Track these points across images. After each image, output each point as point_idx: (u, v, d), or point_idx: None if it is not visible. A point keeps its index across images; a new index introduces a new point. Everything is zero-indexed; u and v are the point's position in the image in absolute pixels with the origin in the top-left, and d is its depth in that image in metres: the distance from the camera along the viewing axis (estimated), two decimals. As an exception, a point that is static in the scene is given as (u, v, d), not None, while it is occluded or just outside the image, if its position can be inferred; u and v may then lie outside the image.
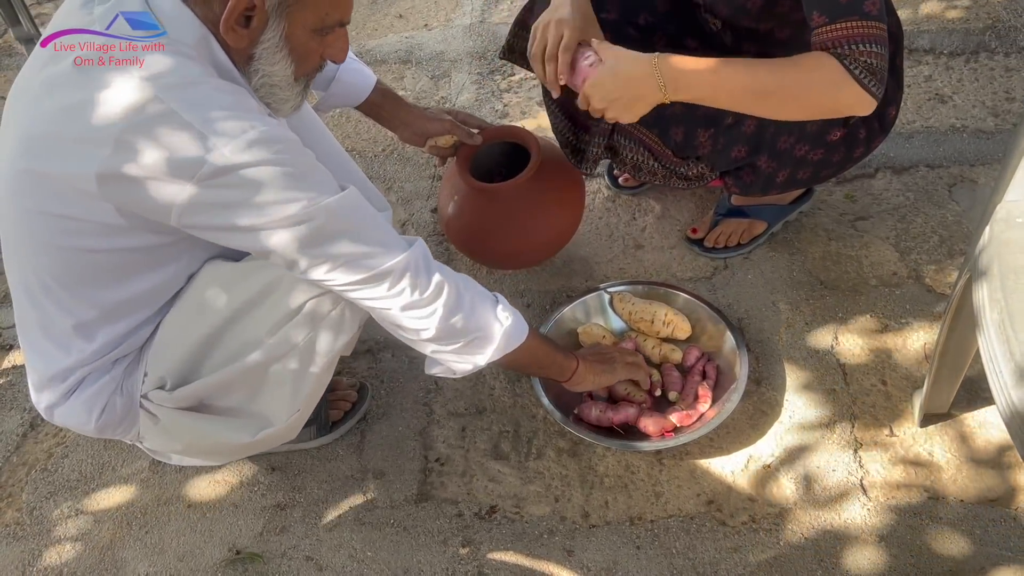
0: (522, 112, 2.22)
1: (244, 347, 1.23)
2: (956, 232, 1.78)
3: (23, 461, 1.62)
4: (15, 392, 1.74)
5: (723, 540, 1.38)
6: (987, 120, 2.02)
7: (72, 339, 1.22)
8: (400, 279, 1.14)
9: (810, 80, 1.24)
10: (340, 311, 1.22)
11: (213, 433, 1.30)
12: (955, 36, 2.24)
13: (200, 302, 1.24)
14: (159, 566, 1.44)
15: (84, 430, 1.31)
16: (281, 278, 1.20)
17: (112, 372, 1.27)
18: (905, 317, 1.64)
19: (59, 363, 1.24)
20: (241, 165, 1.02)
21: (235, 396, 1.29)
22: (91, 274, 1.17)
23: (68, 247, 1.14)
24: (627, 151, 1.52)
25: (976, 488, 1.39)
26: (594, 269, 1.82)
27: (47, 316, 1.22)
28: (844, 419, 1.50)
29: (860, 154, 1.57)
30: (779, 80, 1.25)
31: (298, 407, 1.30)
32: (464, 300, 1.21)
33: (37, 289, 1.20)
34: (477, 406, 1.61)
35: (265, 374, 1.25)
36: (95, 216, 1.09)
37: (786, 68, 1.25)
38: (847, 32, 1.21)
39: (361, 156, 2.17)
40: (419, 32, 2.57)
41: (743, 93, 1.28)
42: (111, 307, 1.21)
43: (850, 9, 1.21)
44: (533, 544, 1.41)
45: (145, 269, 1.20)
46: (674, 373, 1.57)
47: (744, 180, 1.57)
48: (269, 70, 1.13)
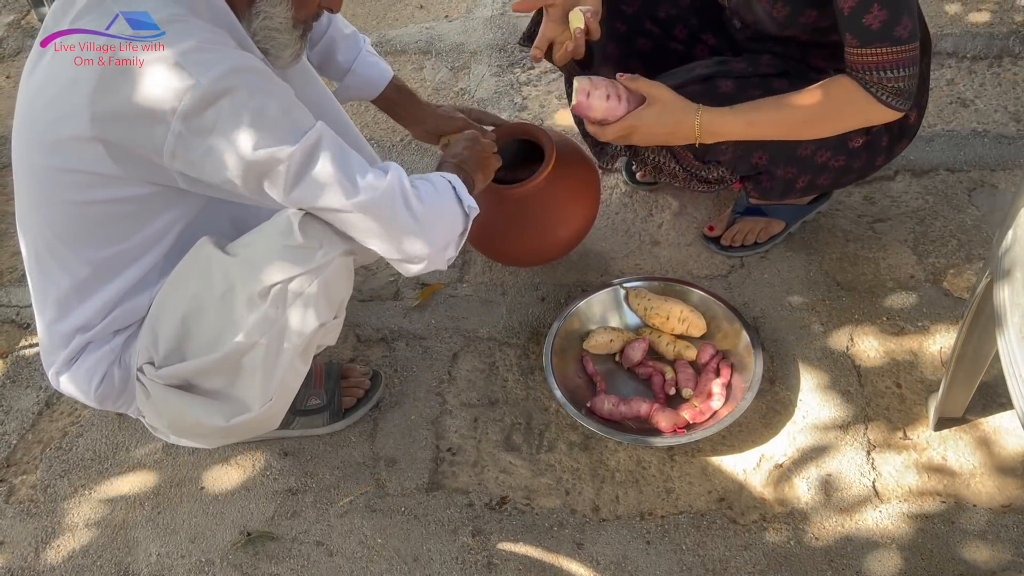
0: (541, 105, 2.22)
1: (219, 334, 1.24)
2: (975, 236, 1.77)
3: (38, 439, 1.63)
4: (31, 371, 1.75)
5: (733, 538, 1.38)
6: (1009, 125, 2.00)
7: (70, 300, 1.27)
8: (384, 200, 1.17)
9: (840, 111, 1.35)
10: (304, 301, 1.22)
11: (191, 413, 1.31)
12: (979, 40, 2.23)
13: (184, 282, 1.26)
14: (171, 546, 1.45)
15: (86, 399, 1.35)
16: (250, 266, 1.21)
17: (112, 343, 1.32)
18: (921, 320, 1.64)
19: (61, 326, 1.29)
20: (220, 94, 1.07)
21: (216, 380, 1.30)
22: (90, 228, 1.22)
23: (68, 201, 1.19)
24: (648, 151, 1.53)
25: (989, 493, 1.39)
26: (610, 264, 1.82)
27: (52, 279, 1.27)
28: (858, 421, 1.50)
29: (882, 161, 1.57)
30: (809, 115, 1.37)
31: (270, 396, 1.29)
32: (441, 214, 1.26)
33: (44, 250, 1.26)
34: (490, 397, 1.61)
35: (239, 362, 1.26)
36: (89, 165, 1.14)
37: (815, 103, 1.35)
38: (876, 59, 1.28)
39: (379, 145, 2.17)
40: (439, 23, 2.57)
41: (775, 133, 1.41)
42: (101, 262, 1.25)
43: (882, 36, 1.26)
44: (543, 536, 1.41)
45: (133, 221, 1.24)
46: (688, 370, 1.57)
47: (764, 185, 1.57)
48: (270, 11, 1.18)
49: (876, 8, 1.25)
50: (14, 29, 2.80)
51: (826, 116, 1.37)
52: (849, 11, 1.27)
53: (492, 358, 1.67)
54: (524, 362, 1.66)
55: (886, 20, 1.25)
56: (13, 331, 1.85)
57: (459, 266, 1.86)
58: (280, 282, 1.19)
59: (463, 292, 1.81)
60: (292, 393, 1.35)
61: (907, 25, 1.26)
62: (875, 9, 1.25)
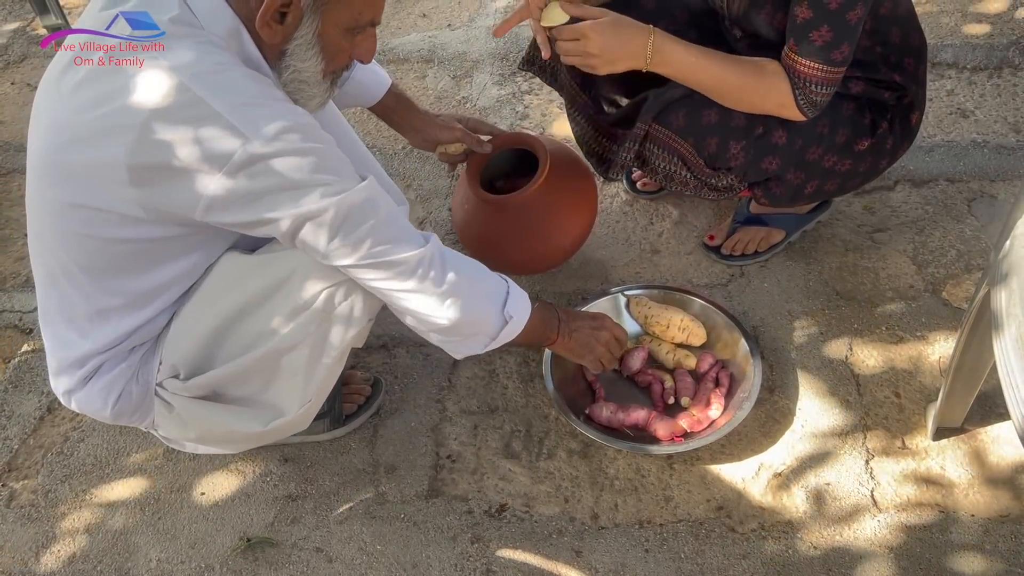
0: (542, 115, 2.23)
1: (257, 338, 1.24)
2: (974, 247, 1.78)
3: (40, 444, 1.64)
4: (34, 376, 1.76)
5: (732, 546, 1.38)
6: (1008, 136, 2.01)
7: (92, 325, 1.24)
8: (416, 270, 1.17)
9: (765, 95, 1.43)
10: (351, 303, 1.24)
11: (225, 422, 1.31)
12: (979, 51, 2.24)
13: (214, 293, 1.25)
14: (171, 552, 1.46)
15: (100, 416, 1.33)
16: (294, 270, 1.21)
17: (129, 360, 1.29)
18: (921, 330, 1.64)
19: (77, 349, 1.26)
20: (269, 155, 1.03)
21: (248, 386, 1.30)
22: (114, 263, 1.19)
23: (92, 236, 1.15)
24: (659, 160, 1.53)
25: (988, 503, 1.39)
26: (610, 272, 1.83)
27: (68, 302, 1.24)
28: (857, 430, 1.50)
29: (886, 164, 1.60)
30: (742, 84, 1.43)
31: (309, 397, 1.31)
32: (474, 296, 1.24)
33: (60, 275, 1.21)
34: (490, 404, 1.61)
35: (277, 365, 1.26)
36: (118, 208, 1.10)
37: (750, 76, 1.43)
38: (808, 71, 1.38)
39: (381, 153, 2.18)
40: (442, 32, 2.58)
41: (710, 83, 1.45)
42: (134, 296, 1.23)
43: (820, 54, 1.35)
44: (542, 543, 1.41)
45: (168, 258, 1.21)
46: (687, 379, 1.58)
47: (772, 192, 1.58)
48: (300, 66, 1.14)
49: (825, 28, 1.33)
50: (19, 36, 2.82)
51: (755, 91, 1.44)
52: (801, 21, 1.35)
53: (492, 365, 1.68)
54: (524, 369, 1.66)
55: (829, 41, 1.34)
56: (16, 336, 1.86)
57: (460, 274, 1.86)
58: (330, 286, 1.20)
59: (464, 299, 1.81)
60: (326, 394, 1.37)
61: (844, 51, 1.36)
62: (824, 29, 1.33)
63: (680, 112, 1.48)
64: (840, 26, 1.32)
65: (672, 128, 1.49)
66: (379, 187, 1.16)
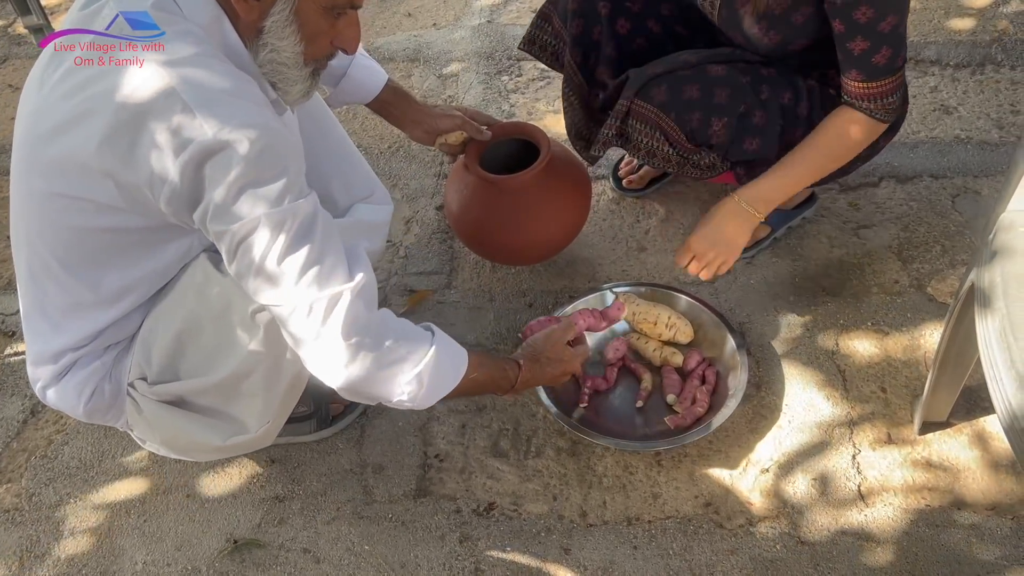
0: (528, 113, 2.22)
1: (216, 352, 1.23)
2: (958, 242, 1.79)
3: (23, 447, 1.62)
4: (16, 379, 1.74)
5: (720, 542, 1.38)
6: (992, 132, 2.02)
7: (66, 319, 1.24)
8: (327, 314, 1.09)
9: (854, 143, 1.47)
10: None
11: (187, 431, 1.30)
12: (962, 48, 2.25)
13: (179, 297, 1.24)
14: (157, 555, 1.45)
15: (74, 413, 1.32)
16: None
17: (103, 358, 1.29)
18: (906, 325, 1.65)
19: (53, 343, 1.26)
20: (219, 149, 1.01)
21: (212, 399, 1.28)
22: (90, 255, 1.19)
23: (70, 226, 1.15)
24: (641, 135, 1.52)
25: (973, 496, 1.40)
26: (597, 270, 1.83)
27: (46, 295, 1.24)
28: (843, 425, 1.51)
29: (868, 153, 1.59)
30: (829, 152, 1.49)
31: (268, 419, 1.29)
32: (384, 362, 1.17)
33: (39, 268, 1.22)
34: (477, 403, 1.61)
35: (237, 387, 1.25)
36: (94, 195, 1.10)
37: (831, 144, 1.48)
38: (881, 89, 1.40)
39: (367, 153, 2.17)
40: (427, 31, 2.58)
41: (812, 177, 1.52)
42: (108, 291, 1.22)
43: (887, 69, 1.38)
44: (530, 542, 1.41)
45: (142, 254, 1.21)
46: (674, 376, 1.58)
47: (755, 172, 1.57)
48: (278, 44, 1.12)
49: (885, 48, 1.36)
50: (0, 37, 2.79)
51: (845, 148, 1.49)
52: (860, 52, 1.37)
53: (480, 364, 1.67)
54: (512, 368, 1.66)
55: (891, 56, 1.37)
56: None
57: (447, 272, 1.86)
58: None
59: (451, 298, 1.81)
60: (288, 411, 1.35)
61: (904, 56, 1.39)
62: (884, 49, 1.36)
63: (662, 87, 1.48)
64: (896, 41, 1.36)
65: (654, 102, 1.49)
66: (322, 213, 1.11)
